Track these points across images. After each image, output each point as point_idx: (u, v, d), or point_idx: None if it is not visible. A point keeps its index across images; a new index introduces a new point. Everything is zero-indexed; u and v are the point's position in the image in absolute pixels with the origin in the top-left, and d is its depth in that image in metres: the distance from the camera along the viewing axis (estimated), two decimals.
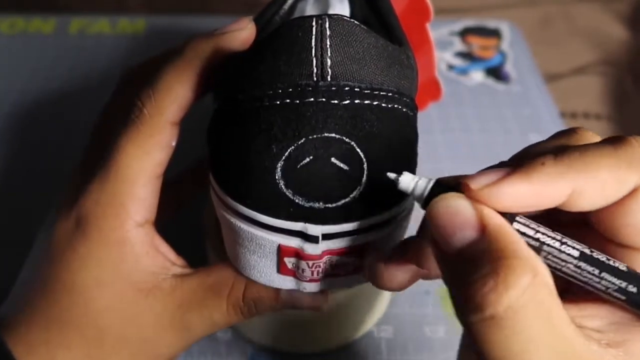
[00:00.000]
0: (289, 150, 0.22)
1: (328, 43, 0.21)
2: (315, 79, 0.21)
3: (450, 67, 0.55)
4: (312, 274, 0.25)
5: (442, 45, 0.56)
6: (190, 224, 0.37)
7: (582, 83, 0.56)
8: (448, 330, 0.37)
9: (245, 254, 0.25)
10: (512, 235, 0.19)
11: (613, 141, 0.20)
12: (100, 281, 0.26)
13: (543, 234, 0.20)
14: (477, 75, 0.55)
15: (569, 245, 0.20)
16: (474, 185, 0.20)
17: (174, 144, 0.27)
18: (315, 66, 0.21)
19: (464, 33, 0.58)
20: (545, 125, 0.50)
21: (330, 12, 0.29)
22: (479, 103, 0.52)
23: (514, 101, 0.52)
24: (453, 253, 0.20)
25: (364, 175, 0.23)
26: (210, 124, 0.25)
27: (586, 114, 0.54)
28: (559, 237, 0.20)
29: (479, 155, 0.48)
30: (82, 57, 0.54)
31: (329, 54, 0.21)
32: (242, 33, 0.26)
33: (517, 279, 0.18)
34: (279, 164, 0.22)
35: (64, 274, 0.26)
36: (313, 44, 0.21)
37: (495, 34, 0.58)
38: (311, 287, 0.26)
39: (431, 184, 0.21)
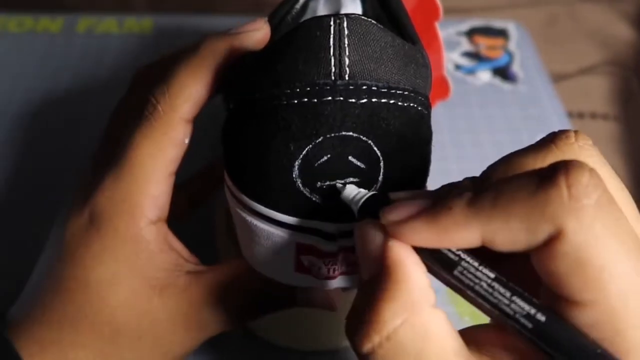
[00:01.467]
0: (306, 149, 0.22)
1: (346, 42, 0.22)
2: (333, 78, 0.22)
3: (458, 67, 0.55)
4: (328, 271, 0.25)
5: (449, 45, 0.56)
6: (202, 223, 0.37)
7: (589, 83, 0.56)
8: (456, 328, 0.37)
9: (261, 252, 0.25)
10: (404, 274, 0.19)
11: (540, 180, 0.18)
12: (115, 278, 0.26)
13: (464, 251, 0.20)
14: (484, 75, 0.55)
15: (486, 267, 0.19)
16: (384, 219, 0.20)
17: (187, 141, 0.27)
18: (334, 65, 0.22)
19: (471, 33, 0.58)
20: (553, 125, 0.51)
21: (343, 11, 0.29)
22: (486, 103, 0.52)
23: (521, 101, 0.53)
24: (363, 282, 0.20)
25: (381, 174, 0.23)
26: (225, 123, 0.26)
27: (593, 114, 0.54)
28: (478, 260, 0.20)
29: (486, 155, 0.48)
30: (89, 56, 0.54)
31: (347, 53, 0.22)
32: (257, 33, 0.26)
33: (382, 325, 0.18)
34: (297, 163, 0.22)
35: (78, 271, 0.26)
36: (331, 43, 0.21)
37: (502, 34, 0.58)
38: (327, 285, 0.26)
39: (364, 199, 0.22)
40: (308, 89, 0.22)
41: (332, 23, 0.22)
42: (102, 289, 0.26)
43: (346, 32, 0.22)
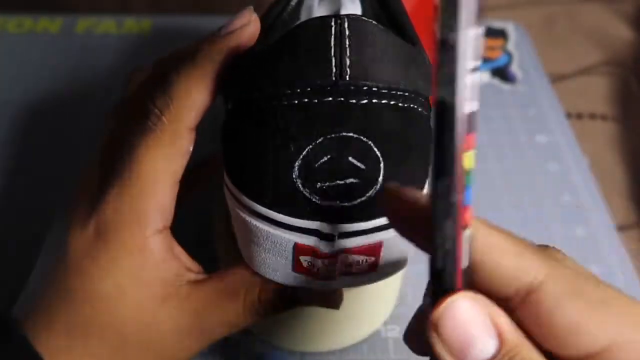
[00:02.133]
0: (306, 149, 0.22)
1: (347, 43, 0.22)
2: (333, 78, 0.22)
3: None
4: (328, 272, 0.25)
5: None
6: (202, 224, 0.37)
7: (588, 83, 0.56)
8: None
9: (260, 253, 0.25)
10: (526, 343, 0.18)
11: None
12: (122, 289, 0.26)
13: None
14: (483, 76, 0.55)
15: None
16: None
17: (191, 149, 0.27)
18: (334, 66, 0.22)
19: None
20: (551, 125, 0.51)
21: (343, 11, 0.29)
22: (485, 103, 0.52)
23: (520, 101, 0.53)
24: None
25: (381, 175, 0.23)
26: (224, 123, 0.26)
27: (592, 115, 0.54)
28: None
29: (484, 155, 0.48)
30: (88, 57, 0.54)
31: (348, 54, 0.22)
32: (248, 28, 0.26)
33: None
34: (297, 163, 0.22)
35: (85, 284, 0.26)
36: (332, 43, 0.22)
37: (501, 34, 0.58)
38: (326, 285, 0.26)
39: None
40: (309, 89, 0.22)
41: (333, 24, 0.22)
42: (110, 301, 0.26)
43: (347, 32, 0.22)
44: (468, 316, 0.18)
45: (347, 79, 0.22)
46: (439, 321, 0.18)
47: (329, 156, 0.22)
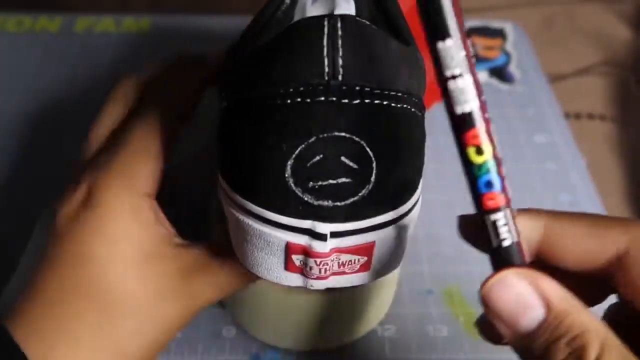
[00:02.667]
0: (299, 149, 0.22)
1: (340, 43, 0.22)
2: (326, 78, 0.22)
3: None
4: (320, 271, 0.25)
5: None
6: (200, 224, 0.37)
7: (586, 83, 0.56)
8: (451, 330, 0.37)
9: (253, 251, 0.25)
10: (577, 307, 0.20)
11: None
12: (111, 251, 0.27)
13: None
14: (482, 76, 0.55)
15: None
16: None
17: (179, 133, 0.29)
18: (327, 66, 0.22)
19: (468, 33, 0.58)
20: (550, 125, 0.51)
21: (337, 10, 0.29)
22: None
23: (518, 102, 0.53)
24: (523, 334, 0.20)
25: (373, 174, 0.23)
26: (219, 122, 0.26)
27: (590, 115, 0.54)
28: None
29: None
30: (87, 56, 0.54)
31: (341, 54, 0.22)
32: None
33: (589, 354, 0.19)
34: (289, 162, 0.22)
35: (75, 247, 0.27)
36: (325, 43, 0.22)
37: (499, 34, 0.58)
38: (318, 285, 0.26)
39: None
40: (302, 89, 0.22)
41: (325, 23, 0.22)
42: (100, 263, 0.27)
43: (340, 32, 0.22)
44: (515, 289, 0.20)
45: (340, 79, 0.22)
46: (488, 295, 0.21)
47: (321, 156, 0.22)
